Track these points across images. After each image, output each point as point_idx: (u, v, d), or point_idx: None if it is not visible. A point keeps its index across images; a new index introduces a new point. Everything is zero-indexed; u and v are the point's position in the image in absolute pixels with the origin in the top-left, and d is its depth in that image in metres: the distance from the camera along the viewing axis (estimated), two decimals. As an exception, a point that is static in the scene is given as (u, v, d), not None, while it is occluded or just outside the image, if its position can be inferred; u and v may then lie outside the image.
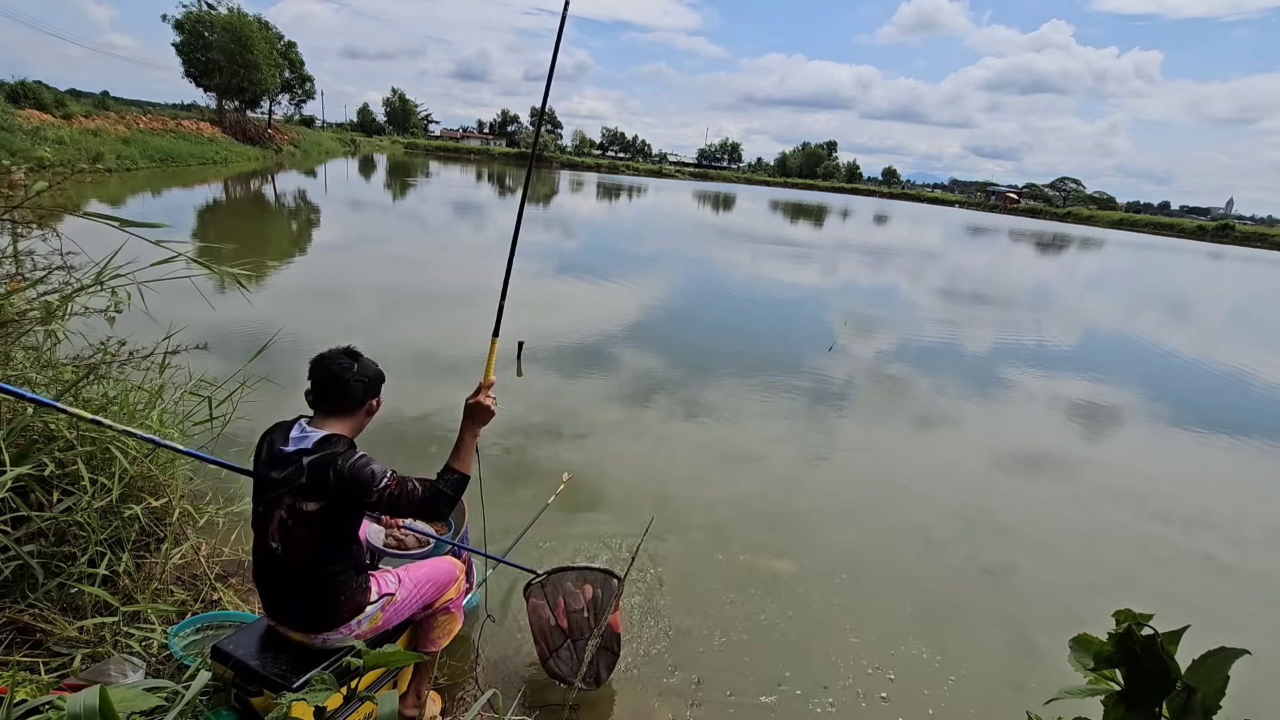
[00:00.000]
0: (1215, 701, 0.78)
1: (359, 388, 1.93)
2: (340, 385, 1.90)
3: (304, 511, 1.82)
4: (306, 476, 1.80)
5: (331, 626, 1.94)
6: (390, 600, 2.07)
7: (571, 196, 39.03)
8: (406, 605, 2.14)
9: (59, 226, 2.85)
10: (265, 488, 1.86)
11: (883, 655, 3.31)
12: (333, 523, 1.86)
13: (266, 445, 1.90)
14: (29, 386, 2.63)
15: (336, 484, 1.80)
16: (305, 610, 1.91)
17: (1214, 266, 37.06)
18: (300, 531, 1.84)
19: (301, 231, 16.01)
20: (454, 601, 2.32)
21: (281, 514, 1.84)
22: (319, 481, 1.80)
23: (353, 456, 1.84)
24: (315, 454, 1.82)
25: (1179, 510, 5.41)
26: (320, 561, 1.87)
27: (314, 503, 1.81)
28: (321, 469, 1.80)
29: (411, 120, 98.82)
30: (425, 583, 2.20)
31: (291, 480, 1.81)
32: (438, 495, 1.89)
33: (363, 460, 1.84)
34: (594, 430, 5.60)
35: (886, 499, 5.05)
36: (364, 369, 1.95)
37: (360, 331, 7.72)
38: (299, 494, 1.81)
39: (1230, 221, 78.44)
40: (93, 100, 36.00)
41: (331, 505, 1.83)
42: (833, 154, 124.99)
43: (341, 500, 1.82)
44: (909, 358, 9.24)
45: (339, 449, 1.84)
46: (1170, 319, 16.44)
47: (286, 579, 1.89)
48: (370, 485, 1.82)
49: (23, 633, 2.19)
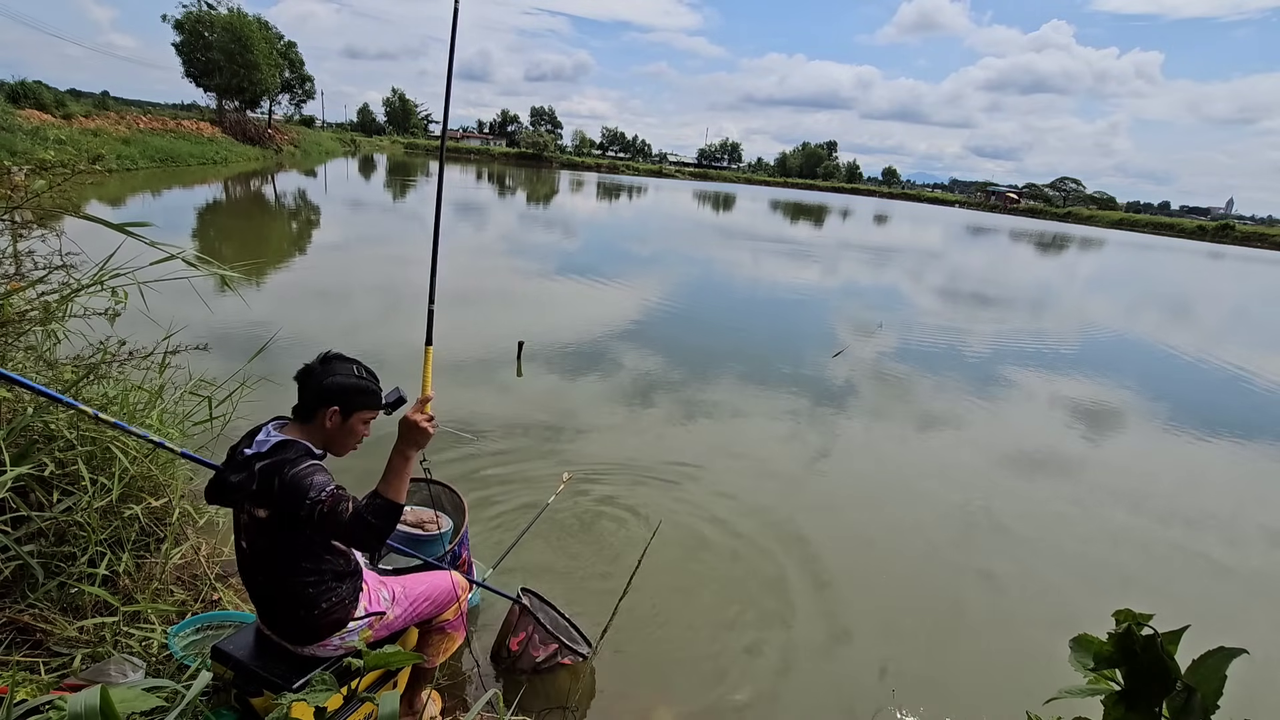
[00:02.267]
0: (1214, 701, 0.78)
1: (310, 394, 1.79)
2: (301, 389, 1.81)
3: (258, 518, 1.75)
4: (257, 482, 1.70)
5: (312, 640, 1.88)
6: (380, 619, 2.00)
7: (571, 196, 39.04)
8: (400, 622, 2.09)
9: (59, 226, 2.85)
10: (224, 490, 1.79)
11: (883, 654, 3.31)
12: (289, 531, 1.75)
13: (233, 448, 1.85)
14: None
15: (279, 492, 1.67)
16: (284, 621, 1.86)
17: (1214, 266, 37.05)
18: (260, 540, 1.78)
19: (301, 231, 16.01)
20: (451, 623, 2.26)
21: (244, 518, 1.80)
22: (266, 488, 1.69)
23: (301, 464, 1.70)
24: (267, 459, 1.71)
25: (1179, 510, 5.41)
26: (285, 571, 1.79)
27: (263, 509, 1.73)
28: (269, 475, 1.69)
29: (411, 120, 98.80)
30: (422, 600, 2.14)
31: (245, 486, 1.72)
32: (360, 523, 1.64)
33: (307, 469, 1.69)
34: (594, 430, 5.60)
35: (887, 498, 5.05)
36: (326, 375, 1.78)
37: (360, 331, 7.72)
38: (250, 500, 1.74)
39: (1230, 221, 78.41)
40: (93, 100, 36.03)
41: (277, 513, 1.72)
42: (833, 154, 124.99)
43: (283, 509, 1.69)
44: (909, 358, 9.24)
45: (290, 455, 1.71)
46: (1171, 319, 16.44)
47: (258, 585, 1.86)
48: (303, 496, 1.65)
49: (23, 633, 2.18)
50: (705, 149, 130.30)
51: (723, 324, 10.35)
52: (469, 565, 2.94)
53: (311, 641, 1.88)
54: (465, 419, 5.41)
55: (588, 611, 3.30)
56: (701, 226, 27.99)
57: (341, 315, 8.45)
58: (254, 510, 1.75)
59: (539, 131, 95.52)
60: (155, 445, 2.27)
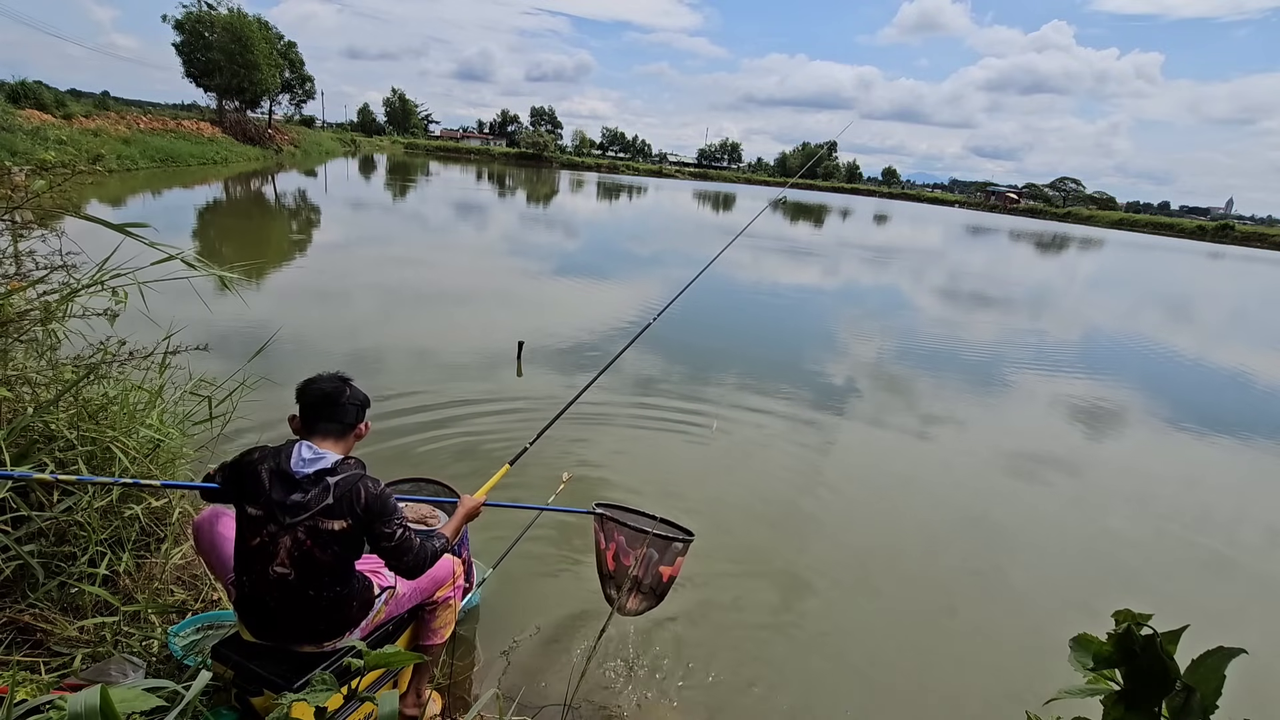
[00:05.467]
0: (1213, 701, 0.78)
1: (353, 410, 1.93)
2: (337, 407, 1.90)
3: (329, 531, 1.79)
4: (333, 496, 1.78)
5: (343, 631, 1.93)
6: (391, 594, 2.09)
7: (571, 196, 39.04)
8: (407, 599, 2.17)
9: (59, 226, 2.85)
10: (281, 512, 1.78)
11: (883, 653, 3.31)
12: (353, 542, 1.86)
13: (267, 472, 1.80)
14: (29, 387, 2.63)
15: (366, 504, 1.82)
16: (318, 623, 1.88)
17: (1214, 266, 37.05)
18: (321, 553, 1.80)
19: (301, 231, 16.01)
20: (451, 595, 2.35)
21: (299, 535, 1.78)
22: (347, 501, 1.80)
23: (376, 483, 1.87)
24: (339, 474, 1.81)
25: (1179, 510, 5.42)
26: (338, 577, 1.87)
27: (341, 521, 1.80)
28: (349, 487, 1.81)
29: (411, 120, 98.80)
30: (424, 577, 2.20)
31: (318, 501, 1.77)
32: (427, 550, 1.93)
33: (387, 489, 1.89)
34: (594, 430, 5.60)
35: (888, 498, 5.05)
36: (355, 393, 1.96)
37: (360, 331, 7.72)
38: (326, 514, 1.78)
39: (1230, 221, 78.39)
40: (93, 100, 35.95)
41: (357, 525, 1.82)
42: (833, 154, 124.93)
43: (367, 520, 1.83)
44: (910, 358, 9.24)
45: (358, 471, 1.86)
46: (1171, 319, 16.44)
47: (297, 601, 1.83)
48: (393, 514, 1.86)
49: (23, 633, 2.19)
50: (705, 149, 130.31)
51: (723, 324, 10.35)
52: (469, 565, 2.94)
53: (341, 632, 1.93)
54: (465, 419, 5.41)
55: (588, 611, 3.31)
56: (702, 227, 27.99)
57: (341, 315, 8.44)
58: (326, 523, 1.78)
59: (539, 131, 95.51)
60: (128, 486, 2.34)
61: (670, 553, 2.68)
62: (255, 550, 1.81)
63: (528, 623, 3.21)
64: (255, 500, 1.80)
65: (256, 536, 1.80)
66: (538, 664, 2.96)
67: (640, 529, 2.68)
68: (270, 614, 1.86)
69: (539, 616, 3.27)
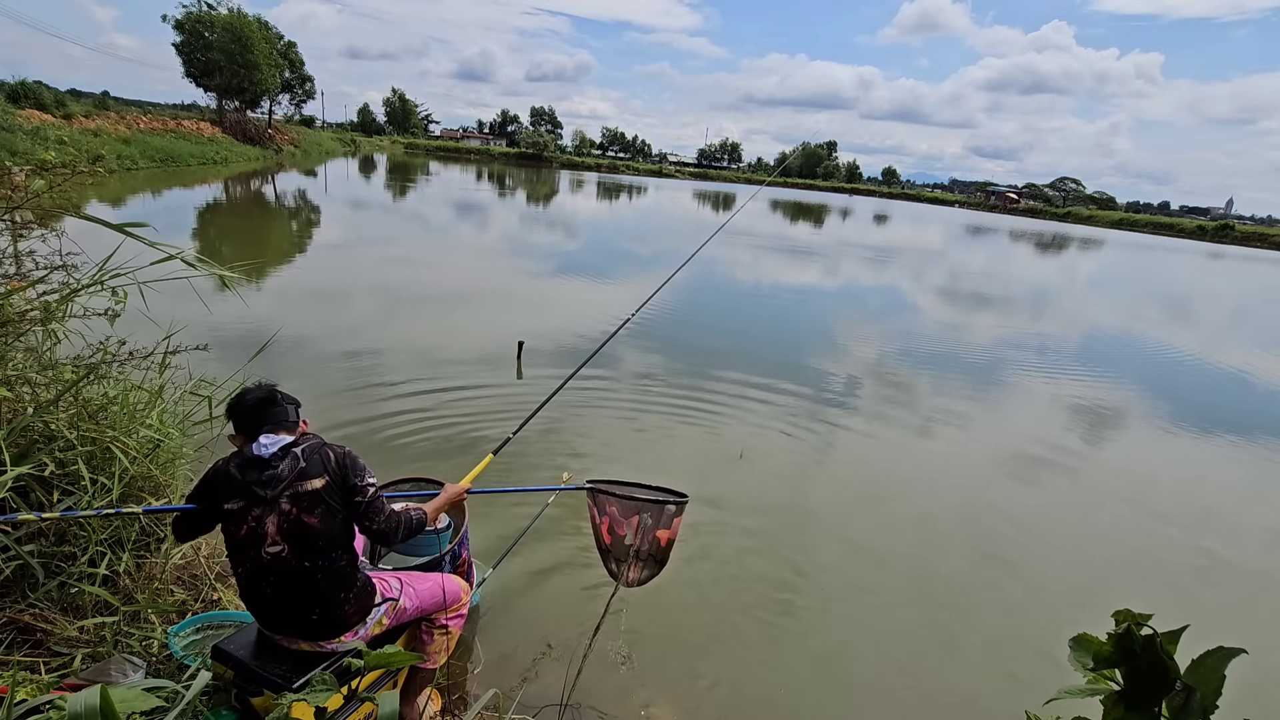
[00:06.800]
0: (1213, 701, 0.78)
1: (291, 409, 1.99)
2: (276, 408, 1.94)
3: (310, 492, 1.84)
4: (304, 459, 1.85)
5: (340, 632, 1.93)
6: (394, 606, 2.09)
7: (571, 196, 39.04)
8: (409, 613, 2.16)
9: (59, 226, 2.85)
10: (260, 488, 1.80)
11: (883, 653, 3.31)
12: (335, 499, 1.89)
13: (236, 466, 1.84)
14: (29, 387, 2.63)
15: (338, 461, 1.91)
16: (317, 602, 1.87)
17: (1214, 266, 37.05)
18: (309, 517, 1.82)
19: (301, 231, 16.01)
20: (452, 621, 2.31)
21: (284, 507, 1.80)
22: (318, 460, 1.88)
23: (340, 446, 1.97)
24: (303, 444, 1.89)
25: (1179, 510, 5.42)
26: (332, 541, 1.87)
27: (318, 479, 1.85)
28: (317, 450, 1.90)
29: (411, 120, 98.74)
30: (427, 593, 2.21)
31: (291, 469, 1.83)
32: (399, 518, 2.00)
33: (352, 451, 1.99)
34: (594, 430, 5.60)
35: (888, 498, 5.05)
36: (286, 396, 2.02)
37: (360, 331, 7.72)
38: (301, 476, 1.84)
39: (1230, 221, 78.38)
40: (93, 100, 35.94)
41: (334, 480, 1.88)
42: (833, 154, 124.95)
43: (340, 475, 1.90)
44: (911, 357, 9.24)
45: (321, 439, 1.95)
46: (1171, 319, 16.44)
47: (293, 579, 1.83)
48: (364, 471, 1.95)
49: (23, 632, 2.19)
50: (705, 149, 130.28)
51: (723, 324, 10.35)
52: (469, 565, 2.93)
53: (338, 633, 1.93)
54: (466, 418, 5.41)
55: (587, 611, 3.31)
56: (702, 226, 27.98)
57: (341, 315, 8.44)
58: (304, 485, 1.83)
59: (539, 131, 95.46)
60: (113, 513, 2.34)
61: (665, 516, 2.65)
62: (244, 540, 1.83)
63: (527, 622, 3.21)
64: (231, 495, 1.83)
65: (242, 526, 1.82)
66: (537, 663, 2.96)
67: (631, 496, 2.67)
68: (270, 599, 1.86)
69: (538, 616, 3.27)
